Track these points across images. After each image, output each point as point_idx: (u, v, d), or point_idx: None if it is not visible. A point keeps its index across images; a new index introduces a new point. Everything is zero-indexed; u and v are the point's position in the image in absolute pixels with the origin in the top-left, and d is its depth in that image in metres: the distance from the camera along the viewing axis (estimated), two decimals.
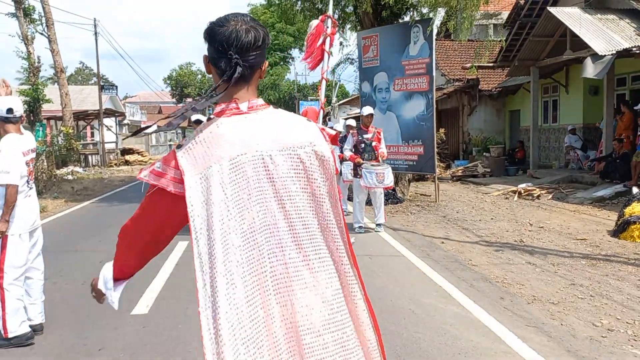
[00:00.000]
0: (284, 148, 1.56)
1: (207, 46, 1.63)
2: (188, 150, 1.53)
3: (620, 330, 4.34)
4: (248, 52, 1.57)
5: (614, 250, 7.00)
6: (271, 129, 1.57)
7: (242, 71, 1.57)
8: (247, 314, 1.44)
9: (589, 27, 12.50)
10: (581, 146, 14.71)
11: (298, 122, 1.65)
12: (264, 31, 1.61)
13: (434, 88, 11.68)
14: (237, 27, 1.56)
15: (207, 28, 1.61)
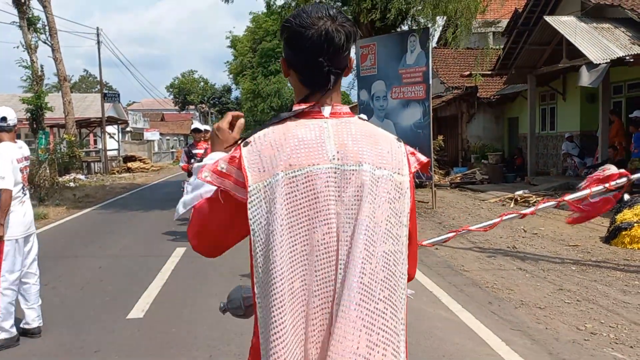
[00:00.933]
0: (362, 163, 1.31)
1: (284, 47, 1.40)
2: (255, 151, 1.31)
3: (603, 334, 4.44)
4: (340, 55, 1.34)
5: (604, 256, 7.10)
6: (353, 141, 1.33)
7: (335, 78, 1.36)
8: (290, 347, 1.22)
9: (585, 36, 12.65)
10: (578, 153, 14.82)
11: (386, 139, 1.39)
12: (351, 23, 1.36)
13: (430, 96, 11.84)
14: (326, 28, 1.30)
15: (287, 29, 1.35)
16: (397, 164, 1.35)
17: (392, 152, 1.36)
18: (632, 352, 4.08)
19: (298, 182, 1.27)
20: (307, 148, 1.30)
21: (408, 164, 1.38)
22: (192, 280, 6.21)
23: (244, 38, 55.97)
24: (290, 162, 1.28)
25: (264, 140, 1.32)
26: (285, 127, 1.34)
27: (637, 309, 5.05)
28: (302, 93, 1.40)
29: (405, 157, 1.39)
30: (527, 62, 15.20)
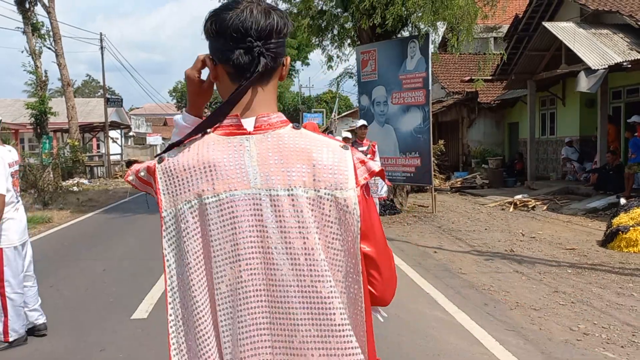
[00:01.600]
0: (292, 187, 1.15)
1: (210, 43, 1.24)
2: (169, 171, 1.20)
3: (596, 334, 4.54)
4: (270, 38, 1.19)
5: (600, 260, 7.20)
6: (280, 160, 1.17)
7: (266, 64, 1.19)
8: None
9: (583, 42, 12.77)
10: (577, 158, 14.92)
11: (326, 151, 1.19)
12: (284, 15, 1.23)
13: (430, 101, 11.96)
14: (252, 8, 1.19)
15: (211, 16, 1.22)
16: (338, 179, 1.16)
17: (331, 166, 1.17)
18: (622, 351, 4.18)
19: (212, 210, 1.15)
20: (224, 171, 1.16)
21: (355, 176, 1.18)
22: None
23: None
24: (203, 188, 1.16)
25: (178, 160, 1.19)
26: (201, 144, 1.20)
27: (630, 310, 5.15)
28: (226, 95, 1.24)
29: (352, 168, 1.19)
30: (527, 67, 15.34)
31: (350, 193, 1.16)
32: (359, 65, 13.25)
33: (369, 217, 1.20)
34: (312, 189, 1.15)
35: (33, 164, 17.41)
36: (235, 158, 1.17)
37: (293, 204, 1.14)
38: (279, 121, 1.22)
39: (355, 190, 1.17)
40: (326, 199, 1.15)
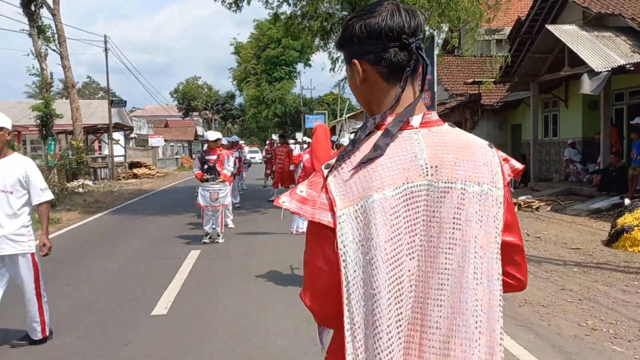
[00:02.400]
0: (461, 181, 1.19)
1: (357, 47, 1.25)
2: (340, 173, 1.19)
3: (603, 330, 4.68)
4: (418, 35, 1.23)
5: (605, 259, 7.34)
6: (448, 154, 1.20)
7: (418, 61, 1.24)
8: None
9: (586, 44, 12.92)
10: (580, 159, 15.04)
11: (481, 149, 1.25)
12: (424, 14, 1.30)
13: (435, 103, 12.10)
14: (398, 9, 1.22)
15: (355, 20, 1.25)
16: (493, 176, 1.22)
17: (487, 163, 1.23)
18: (629, 345, 4.32)
19: (398, 203, 1.14)
20: (400, 164, 1.17)
21: (502, 174, 1.24)
22: (210, 280, 6.47)
23: (247, 45, 56.34)
24: (383, 182, 1.15)
25: (349, 161, 1.19)
26: (371, 142, 1.20)
27: (636, 307, 5.28)
28: (387, 95, 1.27)
29: (500, 166, 1.25)
30: (530, 70, 15.48)
31: (501, 192, 1.22)
32: None
33: (512, 209, 1.28)
34: (478, 184, 1.19)
35: (39, 166, 17.51)
36: (408, 150, 1.19)
37: (463, 197, 1.17)
38: (438, 119, 1.28)
39: (503, 189, 1.23)
40: (488, 194, 1.19)
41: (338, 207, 1.16)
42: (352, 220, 1.15)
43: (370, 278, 1.12)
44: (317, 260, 1.21)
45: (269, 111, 53.62)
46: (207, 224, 8.57)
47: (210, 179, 8.40)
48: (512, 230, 1.27)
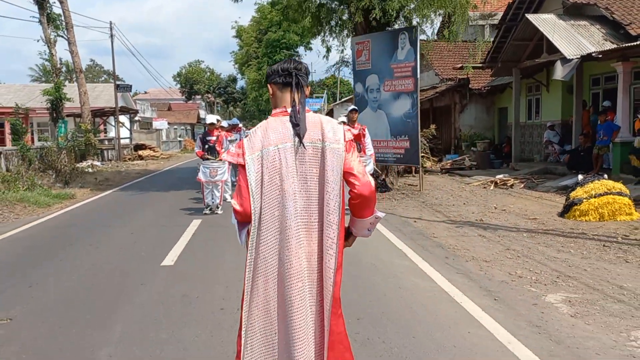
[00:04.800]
0: (312, 141, 2.39)
1: (269, 78, 2.55)
2: (249, 138, 2.46)
3: (528, 277, 5.75)
4: (298, 72, 2.53)
5: (554, 226, 8.40)
6: (310, 127, 2.41)
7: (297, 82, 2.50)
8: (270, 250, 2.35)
9: (562, 33, 13.85)
10: (559, 141, 16.04)
11: (329, 124, 2.46)
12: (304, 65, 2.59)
13: (418, 89, 13.09)
14: (289, 60, 2.60)
15: (270, 68, 2.59)
16: (336, 138, 2.43)
17: (332, 131, 2.44)
18: (544, 287, 5.38)
19: (275, 153, 2.37)
20: (279, 133, 2.41)
21: (344, 137, 2.45)
22: (210, 241, 7.62)
23: (249, 28, 56.92)
24: (270, 142, 2.40)
25: (255, 132, 2.48)
26: (267, 122, 2.52)
27: (562, 261, 6.35)
28: (281, 99, 2.53)
29: (343, 132, 2.47)
30: (512, 56, 16.42)
31: (341, 145, 2.42)
32: (354, 54, 14.37)
33: (351, 156, 2.45)
34: (323, 141, 2.41)
35: (51, 147, 18.62)
36: (284, 126, 2.43)
37: (313, 149, 2.40)
38: (307, 110, 2.52)
39: (344, 144, 2.43)
40: (333, 147, 2.40)
41: (247, 154, 2.43)
42: (253, 161, 2.41)
43: (261, 188, 2.39)
44: (241, 182, 2.46)
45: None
46: (208, 197, 9.69)
47: (210, 158, 9.49)
48: (349, 165, 2.46)
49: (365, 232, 2.61)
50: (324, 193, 2.38)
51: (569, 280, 5.59)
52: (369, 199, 2.46)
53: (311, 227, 2.37)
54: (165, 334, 4.06)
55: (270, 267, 2.36)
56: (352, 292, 5.17)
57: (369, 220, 2.54)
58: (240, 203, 2.45)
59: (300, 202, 2.37)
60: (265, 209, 2.37)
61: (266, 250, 2.36)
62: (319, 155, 2.39)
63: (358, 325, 4.29)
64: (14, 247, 7.71)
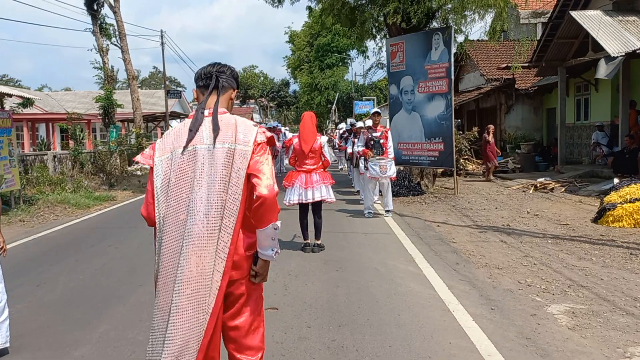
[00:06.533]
0: (224, 143, 2.32)
1: (195, 83, 2.56)
2: (162, 139, 2.46)
3: (537, 286, 5.48)
4: (221, 74, 2.53)
5: (584, 232, 7.98)
6: (223, 128, 2.35)
7: (215, 84, 2.49)
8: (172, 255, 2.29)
9: (607, 30, 13.18)
10: (607, 142, 15.24)
11: (243, 125, 2.39)
12: (226, 67, 2.57)
13: (452, 90, 12.77)
14: (211, 64, 2.58)
15: (199, 71, 2.58)
16: (246, 140, 2.35)
17: (244, 133, 2.37)
18: (551, 297, 5.10)
19: (185, 155, 2.34)
20: (192, 134, 2.37)
21: (255, 140, 2.37)
22: None
23: (301, 33, 57.44)
24: (182, 143, 2.37)
25: (168, 133, 2.48)
26: (183, 123, 2.47)
27: (580, 270, 6.01)
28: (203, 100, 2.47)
29: (255, 134, 2.38)
30: (557, 54, 15.76)
31: (249, 147, 2.35)
32: (389, 56, 14.20)
33: (260, 157, 2.36)
34: (233, 144, 2.34)
35: (102, 151, 19.40)
36: (197, 128, 2.39)
37: (225, 152, 2.32)
38: (223, 111, 2.46)
39: (252, 146, 2.35)
40: (240, 149, 2.34)
41: (156, 156, 2.42)
42: (162, 163, 2.40)
43: (167, 191, 2.35)
44: (149, 186, 2.44)
45: (321, 98, 54.70)
46: None
47: None
48: (254, 166, 2.36)
49: (269, 252, 2.40)
50: (228, 196, 2.31)
51: (580, 290, 5.28)
52: (269, 202, 2.31)
53: (214, 232, 2.29)
54: (142, 336, 4.11)
55: (169, 271, 2.28)
56: (343, 297, 5.09)
57: (267, 231, 2.35)
58: (144, 208, 2.44)
59: (207, 206, 2.28)
60: (171, 213, 2.31)
61: (167, 255, 2.30)
62: (230, 157, 2.32)
63: (337, 332, 4.21)
64: (40, 247, 8.06)
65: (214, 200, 2.28)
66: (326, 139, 6.96)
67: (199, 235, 2.26)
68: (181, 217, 2.30)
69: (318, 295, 5.17)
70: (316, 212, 6.98)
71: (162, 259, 2.31)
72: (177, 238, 2.29)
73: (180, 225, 2.29)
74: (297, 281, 5.65)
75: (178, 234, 2.29)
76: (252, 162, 2.34)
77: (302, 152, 6.72)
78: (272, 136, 2.45)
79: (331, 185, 7.02)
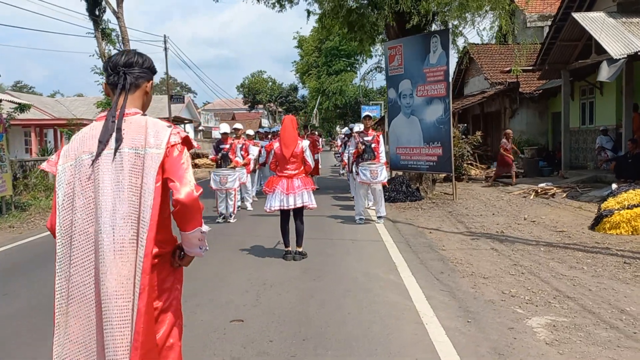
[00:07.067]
0: (134, 147, 2.11)
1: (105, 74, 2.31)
2: (69, 145, 2.22)
3: (521, 297, 5.23)
4: (131, 68, 2.27)
5: (579, 240, 7.70)
6: (132, 132, 2.14)
7: (124, 82, 2.24)
8: (85, 272, 2.10)
9: (610, 32, 12.89)
10: (612, 147, 14.90)
11: (154, 127, 2.17)
12: (144, 56, 2.33)
13: (450, 93, 12.54)
14: (120, 53, 2.33)
15: (106, 61, 2.35)
16: (158, 143, 2.14)
17: (155, 134, 2.15)
18: (534, 309, 4.85)
19: (90, 161, 2.13)
20: (102, 147, 2.13)
21: (167, 142, 2.16)
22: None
23: (310, 38, 57.44)
24: (87, 149, 2.15)
25: (74, 138, 2.24)
26: (90, 126, 2.26)
27: (569, 280, 5.75)
28: (114, 100, 2.23)
29: (168, 135, 2.17)
30: (560, 57, 15.45)
31: (162, 150, 2.14)
32: (387, 60, 14.00)
33: (175, 160, 2.17)
34: (143, 148, 2.13)
35: None
36: None
37: (134, 157, 2.12)
38: (132, 112, 2.23)
39: (165, 149, 2.14)
40: (151, 153, 2.13)
41: (59, 163, 2.22)
42: (65, 171, 2.19)
43: (72, 201, 2.15)
44: (55, 196, 2.21)
45: (329, 103, 54.61)
46: (221, 205, 9.63)
47: (222, 164, 9.47)
48: (170, 170, 2.16)
49: (196, 250, 2.32)
50: (141, 205, 2.13)
51: (566, 302, 5.03)
52: (189, 208, 2.17)
53: (128, 243, 2.10)
54: None
55: (87, 290, 2.09)
56: (315, 308, 4.88)
57: (193, 234, 2.25)
58: (50, 220, 2.25)
59: (118, 218, 2.09)
60: (78, 226, 2.12)
61: (80, 273, 2.10)
62: (141, 163, 2.13)
63: (300, 346, 4.00)
64: (23, 254, 7.94)
65: (124, 211, 2.10)
66: (308, 143, 6.75)
67: (112, 250, 2.07)
68: (90, 229, 2.11)
69: (290, 306, 4.97)
70: (298, 217, 6.79)
71: (74, 278, 2.11)
72: (89, 253, 2.10)
73: (90, 239, 2.11)
74: (271, 291, 5.45)
75: (89, 248, 2.10)
76: (167, 165, 2.15)
77: (283, 156, 6.53)
78: (187, 136, 2.25)
79: (313, 190, 6.82)
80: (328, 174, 23.42)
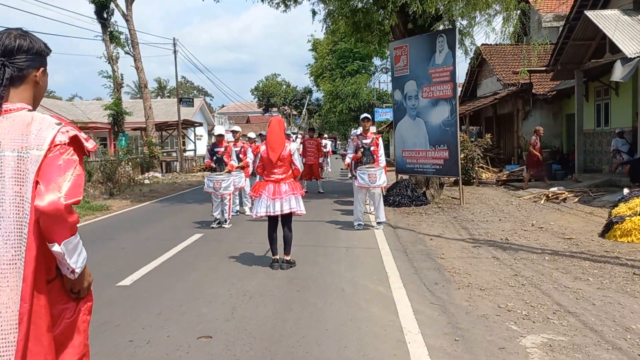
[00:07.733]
0: (14, 149, 1.83)
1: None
2: None
3: (518, 311, 4.83)
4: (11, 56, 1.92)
5: (587, 248, 7.25)
6: (7, 132, 1.85)
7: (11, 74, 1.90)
8: None
9: (625, 30, 12.38)
10: (628, 150, 14.33)
11: (39, 124, 1.87)
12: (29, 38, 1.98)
13: (457, 94, 12.13)
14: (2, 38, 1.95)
15: None
16: (38, 142, 1.84)
17: (38, 133, 1.85)
18: (531, 325, 4.45)
19: None
20: None
21: (52, 141, 1.85)
22: (192, 258, 7.19)
23: (324, 41, 57.14)
24: None
25: None
26: None
27: (572, 292, 5.33)
28: None
29: (52, 134, 1.86)
30: (573, 57, 14.95)
31: (42, 152, 1.83)
32: (392, 60, 13.63)
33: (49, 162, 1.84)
34: (25, 150, 1.83)
35: (109, 159, 19.28)
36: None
37: (15, 160, 1.82)
38: (17, 108, 1.90)
39: (44, 150, 1.83)
40: (29, 155, 1.83)
41: None
42: None
43: None
44: None
45: (343, 105, 54.24)
46: (216, 210, 9.34)
47: (216, 169, 9.18)
48: (43, 173, 1.83)
49: (65, 270, 1.96)
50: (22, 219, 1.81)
51: (566, 317, 4.62)
52: (51, 218, 1.82)
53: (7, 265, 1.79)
54: None
55: None
56: (292, 323, 4.53)
57: (57, 249, 1.87)
58: None
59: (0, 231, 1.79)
60: None
61: None
62: (23, 168, 1.82)
63: None
64: None
65: (4, 226, 1.78)
66: (296, 145, 6.42)
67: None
68: None
69: (265, 320, 4.63)
70: (286, 224, 6.45)
71: None
72: None
73: None
74: (250, 303, 5.12)
75: None
76: (42, 165, 1.83)
77: (269, 160, 6.20)
78: (76, 135, 1.91)
79: (302, 196, 6.48)
80: (337, 177, 23.08)
